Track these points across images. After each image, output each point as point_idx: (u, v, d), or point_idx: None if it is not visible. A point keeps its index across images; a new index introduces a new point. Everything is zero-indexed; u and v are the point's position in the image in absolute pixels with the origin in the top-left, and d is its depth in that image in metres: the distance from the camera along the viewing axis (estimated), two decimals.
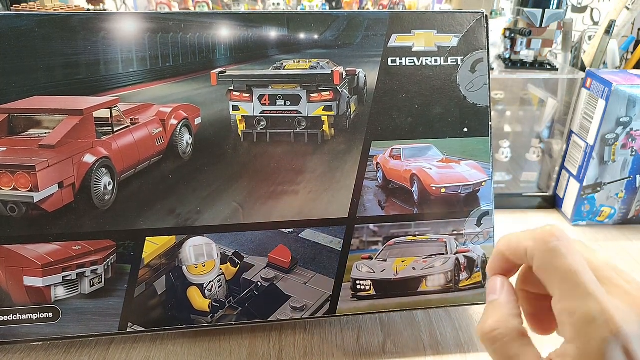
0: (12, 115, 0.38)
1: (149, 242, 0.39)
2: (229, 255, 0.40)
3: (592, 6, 0.84)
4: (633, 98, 0.56)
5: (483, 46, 0.42)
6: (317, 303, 0.41)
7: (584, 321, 0.23)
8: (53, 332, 0.39)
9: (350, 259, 0.42)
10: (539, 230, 0.26)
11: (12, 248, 0.38)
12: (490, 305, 0.28)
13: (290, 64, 0.41)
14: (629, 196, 0.62)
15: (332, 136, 0.41)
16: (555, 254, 0.25)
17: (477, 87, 0.42)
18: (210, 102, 0.40)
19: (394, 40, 0.41)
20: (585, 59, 0.67)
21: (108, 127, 0.40)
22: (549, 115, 0.66)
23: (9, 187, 0.36)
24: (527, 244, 0.26)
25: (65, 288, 0.39)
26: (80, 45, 0.38)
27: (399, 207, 0.42)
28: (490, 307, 0.28)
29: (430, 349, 0.42)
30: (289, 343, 0.42)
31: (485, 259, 0.43)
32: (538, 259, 0.25)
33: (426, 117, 0.42)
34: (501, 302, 0.28)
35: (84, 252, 0.38)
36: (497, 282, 0.29)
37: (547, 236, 0.25)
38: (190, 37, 0.39)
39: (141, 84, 0.39)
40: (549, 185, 0.68)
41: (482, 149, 0.43)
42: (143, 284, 0.39)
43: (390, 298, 0.42)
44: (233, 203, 0.40)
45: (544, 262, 0.25)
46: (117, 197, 0.39)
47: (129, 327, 0.39)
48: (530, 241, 0.26)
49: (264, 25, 0.40)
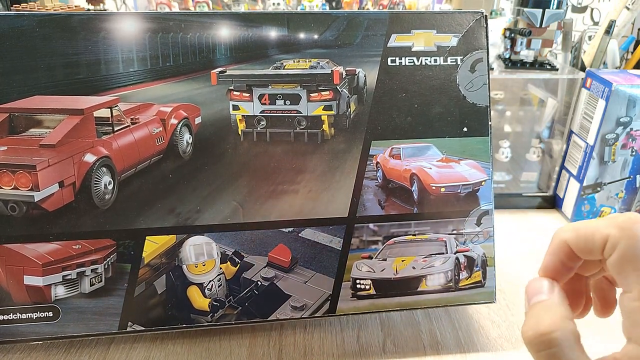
0: (13, 115, 0.38)
1: (149, 241, 0.39)
2: (229, 254, 0.41)
3: (592, 6, 0.84)
4: (633, 98, 0.56)
5: (482, 46, 0.42)
6: (317, 302, 0.41)
7: None
8: (53, 331, 0.39)
9: (350, 258, 0.42)
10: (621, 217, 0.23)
11: (13, 247, 0.38)
12: (540, 305, 0.25)
13: (290, 64, 0.41)
14: (629, 196, 0.62)
15: (332, 135, 0.41)
16: None
17: (477, 87, 0.42)
18: (210, 101, 0.40)
19: (393, 40, 0.41)
20: (585, 59, 0.68)
21: (108, 127, 0.40)
22: (549, 115, 0.66)
23: (9, 187, 0.36)
24: (610, 231, 0.23)
25: (66, 287, 0.39)
26: (80, 45, 0.38)
27: (399, 207, 0.42)
28: (542, 307, 0.25)
29: (430, 348, 0.42)
30: (289, 343, 0.42)
31: (485, 258, 0.43)
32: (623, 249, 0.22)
33: (426, 116, 0.42)
34: (555, 302, 0.25)
35: (84, 252, 0.38)
36: (545, 282, 0.26)
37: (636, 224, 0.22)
38: (191, 37, 0.39)
39: (141, 83, 0.39)
40: (549, 185, 0.68)
41: (481, 148, 0.43)
42: (143, 283, 0.39)
43: (390, 297, 0.42)
44: (233, 202, 0.40)
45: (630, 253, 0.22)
46: (117, 196, 0.39)
47: (129, 327, 0.39)
48: (613, 228, 0.23)
49: (264, 25, 0.40)
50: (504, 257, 0.52)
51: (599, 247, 0.24)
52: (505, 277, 0.51)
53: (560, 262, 0.26)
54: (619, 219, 0.23)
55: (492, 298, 0.44)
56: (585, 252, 0.25)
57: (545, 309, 0.24)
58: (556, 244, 0.26)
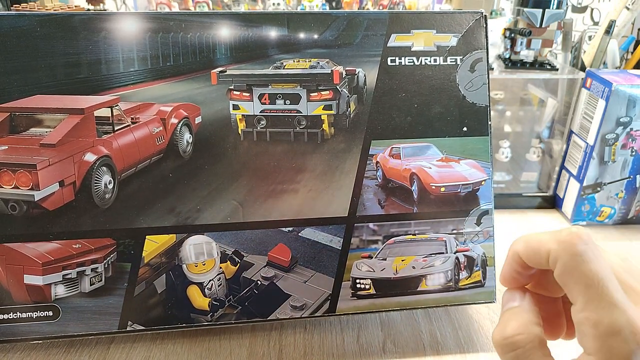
0: (14, 114, 0.38)
1: (149, 240, 0.39)
2: (228, 253, 0.41)
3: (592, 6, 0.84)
4: (633, 98, 0.56)
5: (482, 46, 0.42)
6: (317, 302, 0.41)
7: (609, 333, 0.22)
8: (53, 330, 0.39)
9: (350, 257, 0.42)
10: (564, 232, 0.24)
11: (13, 246, 0.38)
12: (509, 312, 0.27)
13: (290, 64, 0.41)
14: (629, 196, 0.62)
15: (331, 135, 0.41)
16: (581, 259, 0.23)
17: (477, 87, 0.42)
18: (210, 101, 0.40)
19: (393, 40, 0.41)
20: (585, 59, 0.68)
21: (109, 126, 0.40)
22: (549, 115, 0.66)
23: (10, 186, 0.37)
24: (551, 246, 0.24)
25: (66, 286, 0.39)
26: (81, 44, 0.38)
27: (399, 206, 0.42)
28: (510, 313, 0.27)
29: (430, 348, 0.42)
30: (289, 342, 0.42)
31: (485, 258, 0.43)
32: (562, 264, 0.24)
33: (425, 116, 0.42)
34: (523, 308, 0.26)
35: (84, 251, 0.38)
36: (517, 293, 0.28)
37: (574, 239, 0.24)
38: (191, 37, 0.40)
39: (142, 83, 0.39)
40: (549, 185, 0.68)
41: (481, 148, 0.43)
42: (143, 283, 0.39)
43: (390, 297, 0.42)
44: (233, 202, 0.40)
45: (569, 267, 0.23)
46: (117, 195, 0.39)
47: (129, 326, 0.39)
48: (554, 243, 0.24)
49: (264, 25, 0.40)
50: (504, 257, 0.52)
51: (545, 260, 0.25)
52: None
53: (515, 271, 0.28)
54: (562, 233, 0.24)
55: (492, 298, 0.44)
56: (535, 264, 0.26)
57: (513, 315, 0.26)
58: (510, 255, 0.28)
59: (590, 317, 0.22)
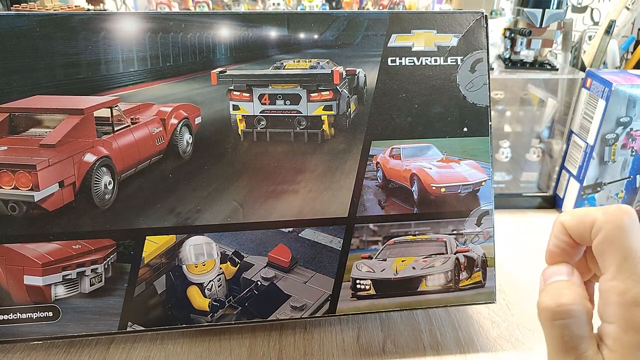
0: (13, 115, 0.38)
1: (149, 241, 0.39)
2: (228, 254, 0.41)
3: (592, 6, 0.84)
4: (633, 98, 0.56)
5: (482, 46, 0.42)
6: (317, 302, 0.41)
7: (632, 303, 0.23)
8: (53, 331, 0.39)
9: (350, 258, 0.42)
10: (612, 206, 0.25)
11: (13, 247, 0.38)
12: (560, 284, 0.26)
13: (290, 64, 0.41)
14: (629, 196, 0.62)
15: (331, 135, 0.41)
16: (624, 230, 0.24)
17: (477, 87, 0.42)
18: (210, 101, 0.40)
19: (393, 40, 0.41)
20: (585, 59, 0.68)
21: (108, 127, 0.40)
22: (549, 115, 0.66)
23: (9, 186, 0.36)
24: (598, 216, 0.25)
25: (66, 287, 0.39)
26: (81, 45, 0.38)
27: (399, 207, 0.42)
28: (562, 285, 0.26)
29: (430, 348, 0.42)
30: (289, 343, 0.42)
31: (485, 259, 0.43)
32: (605, 232, 0.24)
33: (426, 116, 0.42)
34: (575, 282, 0.26)
35: (84, 251, 0.38)
36: (565, 266, 0.27)
37: (622, 212, 0.24)
38: (191, 37, 0.39)
39: (141, 83, 0.39)
40: (549, 185, 0.68)
41: (481, 148, 0.43)
42: (143, 283, 0.39)
43: (390, 297, 0.42)
44: (233, 202, 0.40)
45: (611, 237, 0.24)
46: (117, 196, 0.39)
47: (128, 327, 0.39)
48: (601, 214, 0.25)
49: (264, 25, 0.40)
50: (504, 257, 0.52)
51: (589, 230, 0.25)
52: (505, 278, 0.51)
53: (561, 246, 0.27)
54: (610, 207, 0.25)
55: (492, 298, 0.44)
56: (578, 234, 0.26)
57: (567, 286, 0.26)
58: (555, 226, 0.28)
59: (618, 286, 0.23)
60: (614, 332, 0.23)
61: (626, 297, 0.23)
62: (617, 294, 0.23)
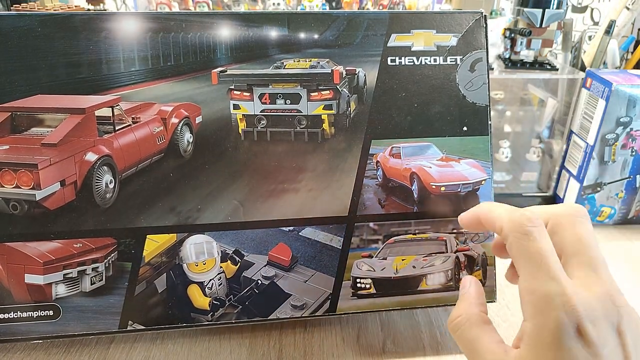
0: (15, 114, 0.38)
1: (149, 240, 0.39)
2: (229, 253, 0.41)
3: (592, 6, 0.84)
4: (633, 98, 0.56)
5: (482, 46, 0.42)
6: (317, 301, 0.41)
7: (542, 300, 0.25)
8: (54, 330, 0.39)
9: (351, 257, 0.42)
10: (517, 213, 0.28)
11: (14, 246, 0.38)
12: (459, 298, 0.32)
13: (291, 63, 0.41)
14: (629, 196, 0.62)
15: (332, 135, 0.42)
16: (527, 237, 0.27)
17: (477, 86, 0.42)
18: (211, 100, 0.40)
19: (393, 39, 0.41)
20: (585, 59, 0.68)
21: (110, 126, 0.40)
22: (549, 115, 0.66)
23: (11, 185, 0.37)
24: (503, 224, 0.28)
25: (66, 286, 0.39)
26: (82, 44, 0.38)
27: (399, 206, 0.42)
28: (459, 300, 0.32)
29: (430, 348, 0.42)
30: (289, 342, 0.42)
31: (485, 258, 0.43)
32: (511, 240, 0.27)
33: (426, 115, 0.42)
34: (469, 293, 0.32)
35: (85, 250, 0.38)
36: (467, 279, 0.33)
37: (524, 221, 0.27)
38: (191, 37, 0.40)
39: (142, 83, 0.39)
40: (549, 185, 0.68)
41: (481, 147, 0.43)
42: (144, 282, 0.40)
43: (390, 296, 0.42)
44: (234, 201, 0.40)
45: (516, 244, 0.27)
46: (118, 195, 0.39)
47: (129, 326, 0.40)
48: (507, 222, 0.28)
49: (264, 25, 0.41)
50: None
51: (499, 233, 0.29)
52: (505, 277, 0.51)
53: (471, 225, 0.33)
54: (514, 214, 0.28)
55: (493, 297, 0.44)
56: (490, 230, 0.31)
57: (461, 300, 0.32)
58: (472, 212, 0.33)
59: (529, 287, 0.26)
60: (528, 328, 0.25)
61: (536, 295, 0.25)
62: (529, 294, 0.26)
